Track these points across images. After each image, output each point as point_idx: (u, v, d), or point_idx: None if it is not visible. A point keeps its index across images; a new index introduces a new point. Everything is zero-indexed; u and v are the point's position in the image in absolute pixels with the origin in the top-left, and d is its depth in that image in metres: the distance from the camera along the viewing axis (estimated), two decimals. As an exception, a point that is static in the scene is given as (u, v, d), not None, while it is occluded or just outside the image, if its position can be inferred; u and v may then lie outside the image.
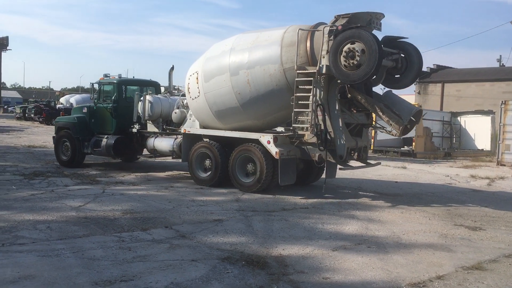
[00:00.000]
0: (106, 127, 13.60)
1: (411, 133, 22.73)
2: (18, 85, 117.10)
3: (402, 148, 23.55)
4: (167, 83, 14.37)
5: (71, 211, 7.97)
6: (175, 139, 12.39)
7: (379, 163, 11.91)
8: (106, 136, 13.34)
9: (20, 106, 50.00)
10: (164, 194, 9.95)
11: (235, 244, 6.42)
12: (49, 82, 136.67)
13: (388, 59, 9.71)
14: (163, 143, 12.65)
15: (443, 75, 39.09)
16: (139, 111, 13.05)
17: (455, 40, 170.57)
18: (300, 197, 10.17)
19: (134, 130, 13.27)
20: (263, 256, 5.92)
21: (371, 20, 9.55)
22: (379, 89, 11.90)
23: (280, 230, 7.31)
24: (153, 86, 14.54)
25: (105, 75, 14.20)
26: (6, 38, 49.27)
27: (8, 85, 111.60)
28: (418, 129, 22.66)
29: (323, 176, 11.14)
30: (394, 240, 7.05)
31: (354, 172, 15.15)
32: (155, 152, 13.03)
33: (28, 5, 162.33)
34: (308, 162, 10.71)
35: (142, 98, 13.02)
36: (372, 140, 23.87)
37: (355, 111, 10.14)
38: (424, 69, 42.36)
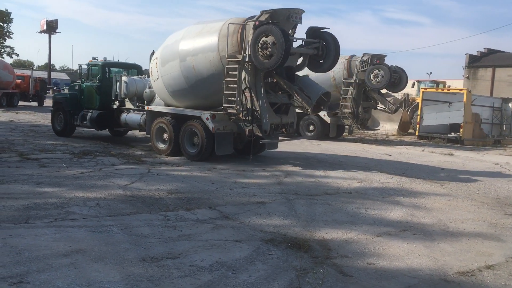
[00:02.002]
0: (92, 103, 15.43)
1: (459, 119, 22.02)
2: (66, 67, 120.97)
3: (448, 135, 22.84)
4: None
5: (118, 189, 8.21)
6: (142, 115, 13.97)
7: (302, 138, 15.51)
8: (91, 111, 15.22)
9: (68, 87, 51.62)
10: (207, 176, 10.07)
11: (278, 227, 6.44)
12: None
13: (309, 48, 11.28)
14: (133, 118, 14.40)
15: (494, 59, 37.46)
16: (117, 90, 14.72)
17: (508, 23, 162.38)
18: (342, 181, 10.07)
19: (115, 106, 14.97)
20: (306, 239, 5.91)
21: (290, 15, 10.85)
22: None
23: (323, 214, 7.27)
24: (136, 69, 16.39)
25: (94, 58, 16.12)
26: (56, 21, 50.71)
27: (57, 67, 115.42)
28: (466, 114, 21.90)
29: (265, 148, 13.19)
30: (440, 228, 6.88)
31: (398, 158, 14.88)
32: (126, 126, 15.03)
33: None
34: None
35: (119, 79, 14.66)
36: (418, 126, 23.30)
37: (280, 93, 11.63)
38: (474, 53, 40.66)
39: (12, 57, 58.00)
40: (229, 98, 11.17)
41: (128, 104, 14.72)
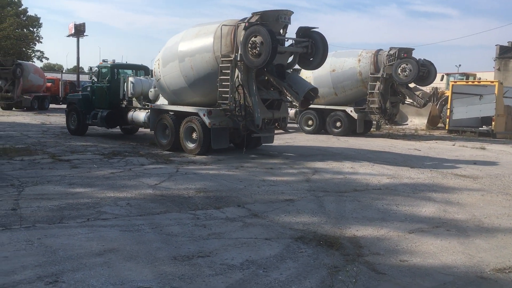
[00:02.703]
0: (102, 103, 16.18)
1: (491, 112, 21.45)
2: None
3: (480, 128, 22.28)
4: None
5: (148, 189, 8.30)
6: (147, 113, 14.61)
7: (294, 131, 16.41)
8: (101, 110, 16.01)
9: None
10: (235, 174, 10.09)
11: (307, 224, 6.40)
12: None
13: (299, 46, 11.93)
14: (138, 116, 15.07)
15: (526, 49, 36.31)
16: (125, 90, 15.52)
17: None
18: (371, 177, 9.93)
19: (123, 105, 15.69)
20: (336, 237, 5.85)
21: (279, 16, 11.47)
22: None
23: (353, 211, 7.19)
24: (143, 70, 17.15)
25: (103, 60, 17.17)
26: (83, 25, 51.63)
27: (85, 69, 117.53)
28: (498, 107, 21.32)
29: (261, 142, 13.81)
30: (475, 224, 6.71)
31: (428, 153, 14.61)
32: (133, 123, 15.74)
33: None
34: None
35: (126, 80, 15.44)
36: (448, 120, 22.82)
37: (271, 89, 12.25)
38: (505, 43, 39.54)
39: (42, 61, 59.44)
40: (223, 95, 11.79)
41: (136, 103, 15.48)
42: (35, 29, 56.95)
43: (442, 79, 28.79)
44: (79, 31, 51.94)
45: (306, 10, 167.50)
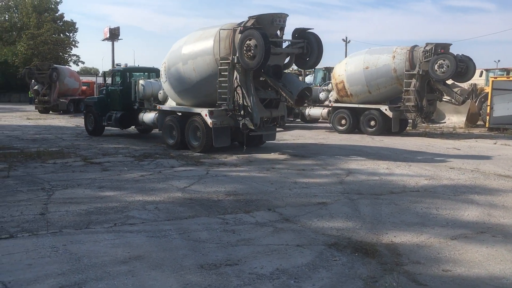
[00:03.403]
0: (117, 105, 16.89)
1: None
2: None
3: (524, 125, 21.22)
4: None
5: (177, 192, 8.15)
6: (156, 114, 15.23)
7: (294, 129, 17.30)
8: (115, 112, 16.72)
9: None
10: (266, 176, 9.84)
11: (341, 229, 6.07)
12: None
13: (295, 47, 12.47)
14: (148, 117, 15.75)
15: None
16: (136, 92, 16.22)
17: None
18: (409, 178, 9.48)
19: (135, 107, 16.30)
20: (372, 243, 5.51)
21: (273, 19, 11.93)
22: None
23: (390, 215, 6.81)
24: (155, 72, 17.76)
25: (117, 64, 18.58)
26: (118, 29, 52.51)
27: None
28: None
29: (264, 140, 14.37)
30: (524, 229, 6.22)
31: (468, 152, 13.97)
32: (143, 124, 16.43)
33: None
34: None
35: (137, 82, 16.19)
36: (488, 117, 21.87)
37: (269, 89, 12.68)
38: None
39: (78, 65, 60.80)
40: (222, 96, 12.36)
41: (147, 105, 16.10)
42: (71, 34, 58.43)
43: (481, 75, 27.71)
44: (113, 35, 52.87)
45: (338, 8, 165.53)
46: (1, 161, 10.84)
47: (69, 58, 56.25)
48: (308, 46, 12.44)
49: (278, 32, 12.41)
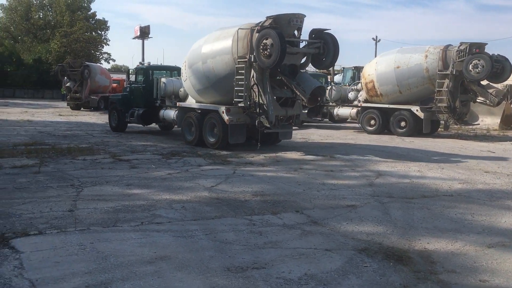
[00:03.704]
0: (139, 102, 17.28)
1: None
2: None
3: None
4: None
5: (204, 191, 8.09)
6: (175, 111, 15.58)
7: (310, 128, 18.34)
8: (138, 109, 17.10)
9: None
10: (294, 176, 9.70)
11: (372, 234, 5.89)
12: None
13: (311, 47, 12.72)
14: (168, 114, 16.08)
15: None
16: (158, 89, 16.62)
17: None
18: (441, 182, 9.19)
19: (157, 104, 16.68)
20: (405, 250, 5.31)
21: (290, 19, 12.16)
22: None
23: (422, 220, 6.58)
24: (176, 71, 18.09)
25: (140, 63, 18.92)
26: (148, 27, 53.04)
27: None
28: None
29: (277, 138, 14.58)
30: None
31: (503, 155, 13.54)
32: (164, 121, 16.84)
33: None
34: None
35: (159, 80, 16.56)
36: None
37: (285, 88, 12.91)
38: None
39: (109, 63, 61.84)
40: (239, 94, 12.64)
41: (168, 102, 16.49)
42: (103, 32, 59.43)
43: (517, 76, 26.78)
44: (144, 33, 53.44)
45: (368, 7, 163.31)
46: (33, 156, 11.03)
47: (101, 56, 57.21)
48: (324, 47, 12.67)
49: (296, 32, 12.67)
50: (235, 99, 12.74)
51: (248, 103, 12.52)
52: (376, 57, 20.45)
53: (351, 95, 21.73)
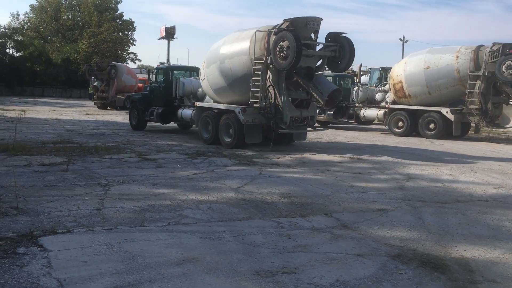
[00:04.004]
0: (159, 101, 17.59)
1: None
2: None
3: None
4: None
5: (230, 192, 7.99)
6: (193, 110, 15.90)
7: (327, 129, 18.79)
8: (157, 108, 17.41)
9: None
10: (321, 178, 9.52)
11: (405, 240, 5.68)
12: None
13: (327, 50, 12.99)
14: (186, 113, 16.46)
15: None
16: (177, 89, 16.89)
17: None
18: (475, 186, 8.87)
19: (176, 103, 16.99)
20: (441, 257, 5.09)
21: (307, 22, 12.44)
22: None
23: (458, 226, 6.32)
24: (195, 71, 18.20)
25: (160, 63, 19.29)
26: (173, 28, 53.43)
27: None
28: None
29: (292, 139, 14.71)
30: None
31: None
32: (182, 120, 17.08)
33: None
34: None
35: (178, 80, 16.86)
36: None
37: (300, 90, 13.12)
38: None
39: (135, 63, 62.63)
40: (255, 94, 12.84)
41: (187, 102, 16.81)
42: (129, 33, 60.16)
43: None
44: (169, 33, 53.86)
45: (395, 7, 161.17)
46: (61, 154, 11.12)
47: (127, 56, 57.94)
48: (340, 50, 12.90)
49: (312, 35, 12.91)
50: (251, 100, 12.92)
51: (264, 103, 12.70)
52: (405, 58, 20.05)
53: (378, 96, 21.36)
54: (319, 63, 13.38)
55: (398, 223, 6.41)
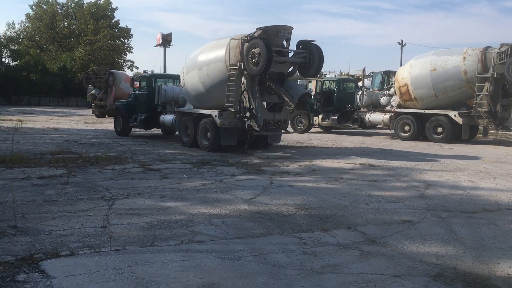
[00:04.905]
0: (142, 108, 18.14)
1: None
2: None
3: None
4: None
5: (242, 204, 7.50)
6: (174, 116, 16.49)
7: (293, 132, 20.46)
8: (140, 114, 17.93)
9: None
10: (336, 187, 9.04)
11: (442, 256, 5.19)
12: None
13: (297, 57, 13.79)
14: (167, 119, 17.06)
15: None
16: (159, 96, 17.52)
17: None
18: (499, 193, 8.41)
19: (158, 109, 17.66)
20: (485, 276, 4.61)
21: (278, 31, 13.15)
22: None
23: (493, 239, 5.85)
24: (177, 79, 18.36)
25: (144, 71, 20.42)
26: (170, 35, 53.12)
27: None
28: None
29: (270, 141, 14.81)
30: None
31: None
32: (163, 125, 17.58)
33: (186, 2, 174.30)
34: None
35: (160, 87, 17.54)
36: None
37: (273, 94, 13.84)
38: None
39: (132, 70, 62.07)
40: (230, 99, 13.49)
41: (169, 108, 17.37)
42: (126, 40, 59.81)
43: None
44: (166, 41, 53.53)
45: (390, 12, 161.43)
46: (61, 166, 10.61)
47: (124, 64, 57.50)
48: (310, 56, 13.65)
49: (284, 42, 13.57)
50: (226, 104, 13.59)
51: (238, 107, 13.34)
52: (410, 60, 19.65)
53: (383, 100, 20.95)
54: (290, 69, 14.05)
55: (429, 236, 5.92)
